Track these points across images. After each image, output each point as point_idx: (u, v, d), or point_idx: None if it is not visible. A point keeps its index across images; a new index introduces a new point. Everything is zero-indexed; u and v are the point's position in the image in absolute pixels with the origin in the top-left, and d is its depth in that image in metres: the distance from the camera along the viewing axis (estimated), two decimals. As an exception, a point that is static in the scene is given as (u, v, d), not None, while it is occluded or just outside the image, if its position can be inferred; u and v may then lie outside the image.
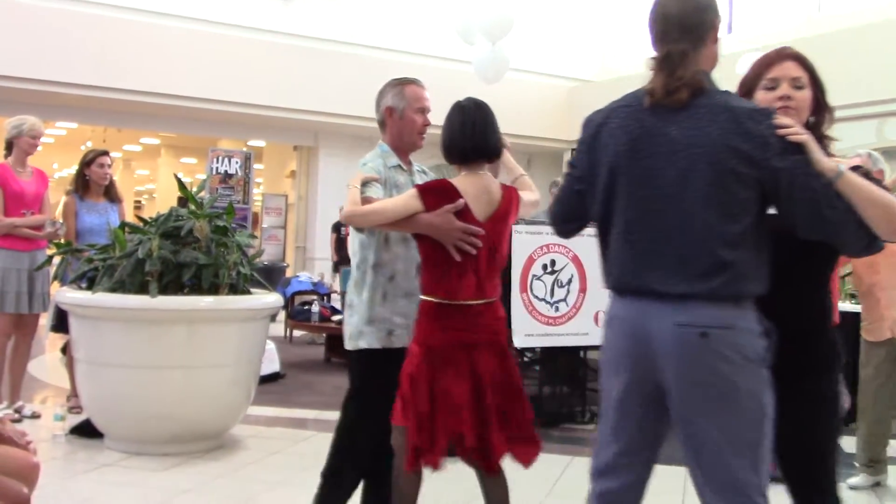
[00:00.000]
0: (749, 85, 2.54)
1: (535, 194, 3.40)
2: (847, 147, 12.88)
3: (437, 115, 3.36)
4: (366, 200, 3.14)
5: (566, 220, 2.59)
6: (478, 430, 3.03)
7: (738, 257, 2.17)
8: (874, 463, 4.68)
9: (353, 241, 3.42)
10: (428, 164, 3.48)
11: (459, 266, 3.06)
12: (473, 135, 3.12)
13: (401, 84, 3.45)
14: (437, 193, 3.08)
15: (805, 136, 2.22)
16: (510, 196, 3.20)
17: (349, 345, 3.40)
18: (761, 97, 2.49)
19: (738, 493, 2.17)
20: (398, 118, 3.40)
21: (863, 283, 4.69)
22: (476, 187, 3.12)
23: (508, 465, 3.15)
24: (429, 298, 3.10)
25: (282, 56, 12.66)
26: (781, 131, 2.20)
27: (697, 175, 2.18)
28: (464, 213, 3.06)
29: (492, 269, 3.15)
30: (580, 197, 2.45)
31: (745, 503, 2.17)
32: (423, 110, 3.43)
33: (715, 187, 2.17)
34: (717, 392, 2.16)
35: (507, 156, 3.38)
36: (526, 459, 3.14)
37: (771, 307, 2.24)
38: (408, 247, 3.31)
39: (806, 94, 2.47)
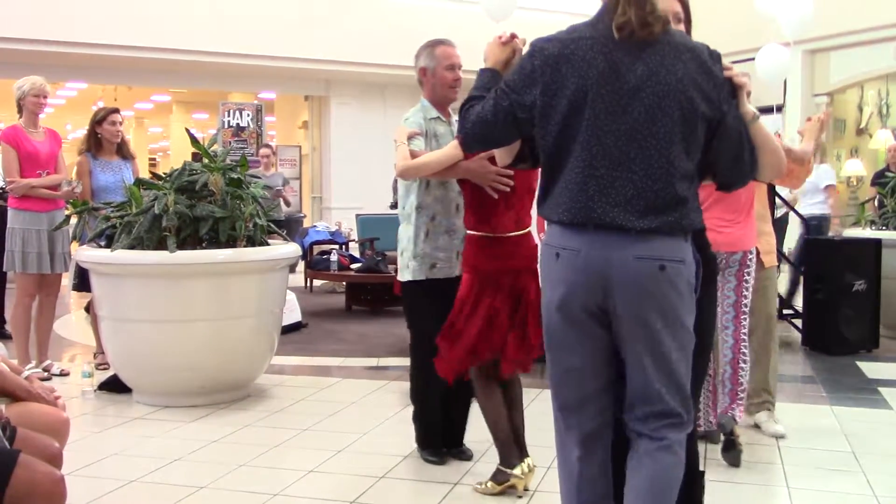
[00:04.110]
0: None
1: None
2: (865, 72, 12.68)
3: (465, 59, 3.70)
4: (412, 154, 3.59)
5: (491, 141, 2.51)
6: (515, 342, 3.49)
7: (690, 193, 2.28)
8: None
9: (401, 187, 3.89)
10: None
11: (498, 204, 3.48)
12: None
13: (432, 46, 3.85)
14: None
15: (745, 80, 2.36)
16: None
17: (401, 276, 3.88)
18: None
19: (663, 413, 2.30)
20: (431, 76, 3.83)
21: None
22: None
23: (537, 401, 3.17)
24: (475, 233, 3.53)
25: (290, 4, 12.52)
26: (727, 73, 2.33)
27: (664, 112, 2.21)
28: None
29: (525, 204, 3.56)
30: (515, 124, 2.37)
31: (670, 423, 2.30)
32: (454, 67, 3.82)
33: (680, 125, 2.22)
34: (664, 320, 2.25)
35: None
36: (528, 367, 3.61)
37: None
38: (446, 189, 3.77)
39: (681, 29, 2.49)
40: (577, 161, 2.26)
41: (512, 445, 3.55)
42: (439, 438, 3.99)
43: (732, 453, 3.93)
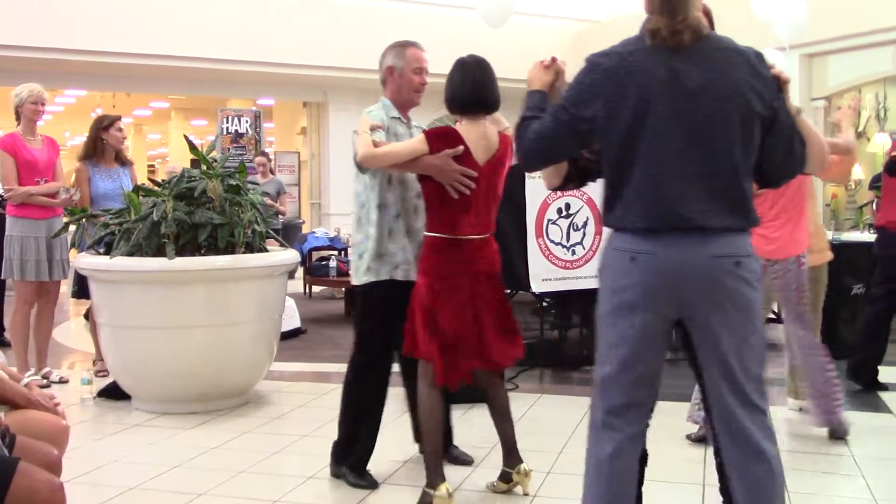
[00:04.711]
0: None
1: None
2: (863, 75, 12.71)
3: (445, 64, 3.58)
4: (375, 144, 3.47)
5: (550, 157, 2.60)
6: (480, 348, 3.46)
7: (751, 192, 2.39)
8: None
9: (358, 185, 3.75)
10: (437, 115, 3.69)
11: (459, 205, 3.41)
12: (475, 89, 3.45)
13: (402, 46, 3.78)
14: (442, 138, 3.42)
15: (789, 76, 2.47)
16: (506, 143, 3.53)
17: (357, 279, 3.73)
18: None
19: (757, 398, 2.38)
20: (398, 76, 3.75)
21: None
22: (476, 134, 3.45)
23: (537, 406, 3.18)
24: (434, 234, 3.46)
25: (288, 12, 12.54)
26: (773, 71, 2.42)
27: (724, 115, 2.31)
28: (465, 157, 3.40)
29: (489, 208, 3.52)
30: (575, 138, 2.46)
31: (760, 408, 2.38)
32: (421, 70, 3.75)
33: (740, 126, 2.33)
34: (742, 315, 2.34)
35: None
36: (509, 359, 3.59)
37: None
38: (406, 189, 3.67)
39: None
40: (646, 168, 2.33)
41: (439, 465, 3.45)
42: (368, 458, 3.82)
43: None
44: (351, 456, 3.80)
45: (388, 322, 3.63)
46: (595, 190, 5.98)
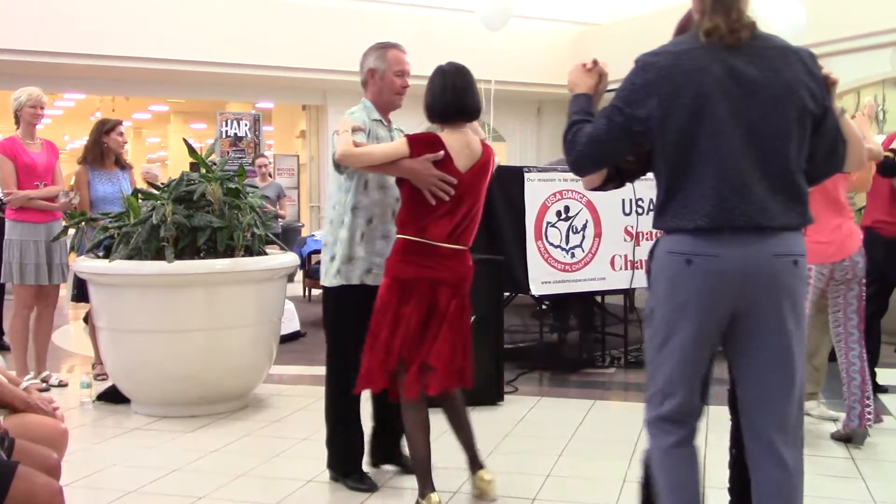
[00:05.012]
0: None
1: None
2: (862, 77, 12.72)
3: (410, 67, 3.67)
4: (356, 145, 3.42)
5: (603, 160, 2.57)
6: (423, 357, 3.37)
7: (806, 190, 2.40)
8: None
9: (332, 186, 3.72)
10: (423, 126, 3.69)
11: (437, 210, 3.37)
12: (454, 97, 3.42)
13: (383, 48, 3.74)
14: (423, 143, 3.39)
15: (837, 77, 2.49)
16: (489, 151, 3.52)
17: (326, 281, 3.71)
18: None
19: (798, 397, 2.43)
20: (379, 79, 3.71)
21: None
22: (459, 142, 3.43)
23: (536, 409, 3.18)
24: (402, 236, 3.43)
25: (287, 15, 12.53)
26: (824, 71, 2.44)
27: (780, 113, 2.33)
28: (446, 164, 3.37)
29: (469, 219, 3.46)
30: (630, 139, 2.44)
31: (800, 406, 2.44)
32: (403, 73, 3.71)
33: (796, 125, 2.35)
34: (793, 313, 2.37)
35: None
36: (451, 383, 3.45)
37: None
38: (385, 193, 3.65)
39: None
40: (706, 167, 2.32)
41: (428, 474, 3.45)
42: (360, 461, 3.85)
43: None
44: (335, 462, 3.84)
45: (357, 325, 3.54)
46: (594, 192, 6.03)
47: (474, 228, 3.52)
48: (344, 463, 3.82)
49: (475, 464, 3.61)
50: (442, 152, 3.36)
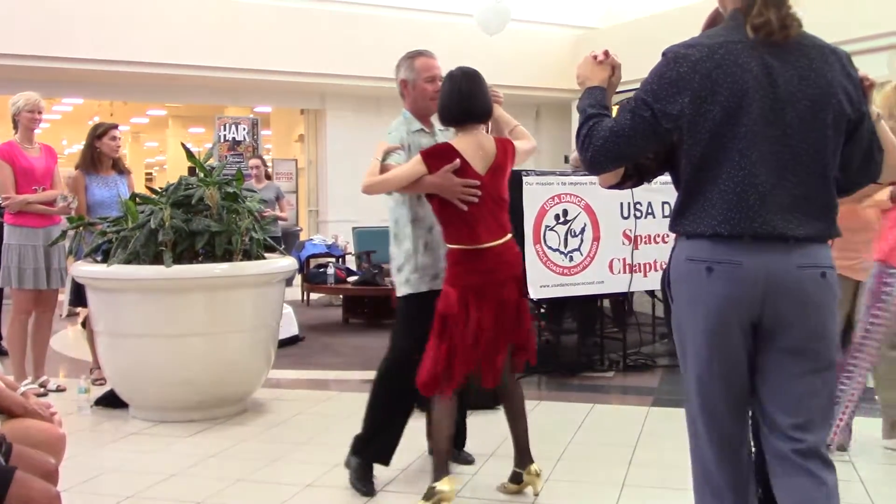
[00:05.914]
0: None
1: (531, 142, 3.80)
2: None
3: (443, 71, 3.63)
4: (386, 168, 3.55)
5: (624, 157, 2.34)
6: (512, 340, 3.58)
7: (836, 200, 2.26)
8: None
9: (389, 200, 3.82)
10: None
11: (469, 216, 3.45)
12: (461, 101, 3.49)
13: (411, 57, 3.84)
14: (437, 156, 3.47)
15: (874, 80, 2.40)
16: (504, 147, 3.59)
17: (398, 291, 3.82)
18: None
19: (829, 408, 2.31)
20: (412, 88, 3.81)
21: None
22: (472, 145, 3.50)
23: (535, 412, 3.18)
24: (452, 246, 3.51)
25: (285, 19, 12.54)
26: (861, 74, 2.32)
27: (817, 117, 2.19)
28: (464, 170, 3.45)
29: (498, 213, 3.55)
30: (656, 136, 2.25)
31: (829, 415, 2.33)
32: (433, 79, 3.78)
33: (832, 129, 2.21)
34: (823, 328, 2.23)
35: (499, 111, 3.81)
36: (521, 367, 3.75)
37: None
38: None
39: None
40: (734, 170, 2.17)
41: (445, 464, 3.53)
42: (389, 458, 3.88)
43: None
44: (366, 451, 3.84)
45: (425, 329, 3.56)
46: (593, 194, 6.04)
47: (507, 210, 3.61)
48: (377, 453, 3.82)
49: (525, 457, 3.68)
50: (458, 161, 3.43)
